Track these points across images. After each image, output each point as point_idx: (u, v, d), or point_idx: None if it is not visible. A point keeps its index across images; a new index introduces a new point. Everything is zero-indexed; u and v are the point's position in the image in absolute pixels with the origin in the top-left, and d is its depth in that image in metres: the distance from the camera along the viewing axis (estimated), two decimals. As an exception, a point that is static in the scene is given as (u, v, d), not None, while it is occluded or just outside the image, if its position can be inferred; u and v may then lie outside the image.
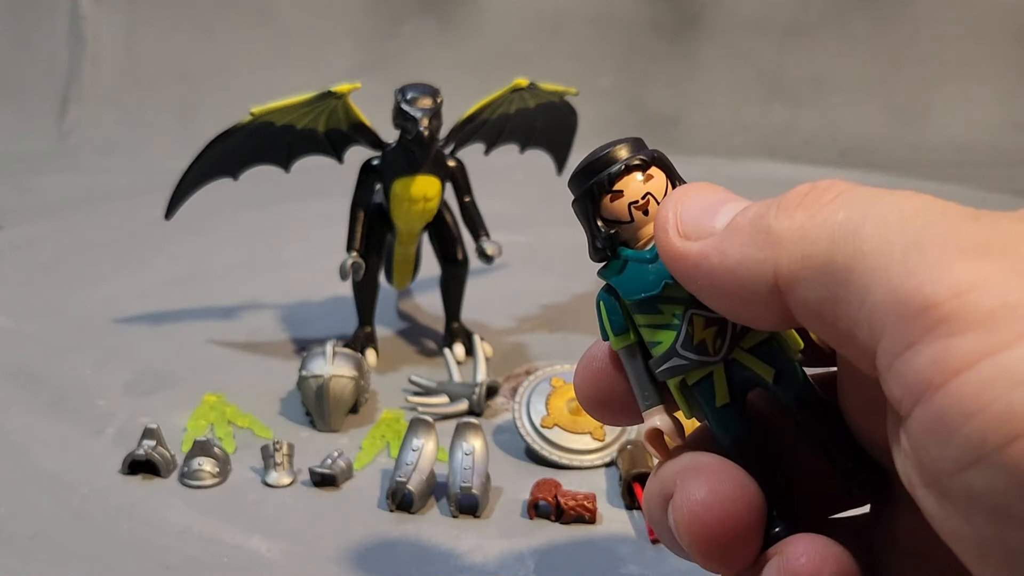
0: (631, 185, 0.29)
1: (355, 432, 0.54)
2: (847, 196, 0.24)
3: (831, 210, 0.24)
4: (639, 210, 0.29)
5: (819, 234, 0.24)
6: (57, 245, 0.86)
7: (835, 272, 0.23)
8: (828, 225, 0.23)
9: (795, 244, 0.24)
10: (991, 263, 0.21)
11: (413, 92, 0.56)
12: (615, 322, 0.29)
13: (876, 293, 0.22)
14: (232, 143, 0.59)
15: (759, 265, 0.25)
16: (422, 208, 0.59)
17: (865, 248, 0.22)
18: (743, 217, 0.26)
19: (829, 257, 0.23)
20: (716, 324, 0.28)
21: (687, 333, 0.28)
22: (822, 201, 0.24)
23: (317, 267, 0.72)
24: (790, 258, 0.24)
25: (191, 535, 0.44)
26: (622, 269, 0.29)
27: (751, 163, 1.12)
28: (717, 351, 0.28)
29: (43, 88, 1.27)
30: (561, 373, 0.54)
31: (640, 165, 0.29)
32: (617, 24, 1.30)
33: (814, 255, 0.24)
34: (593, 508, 0.45)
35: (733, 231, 0.26)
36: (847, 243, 0.23)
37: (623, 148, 0.29)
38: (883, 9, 1.27)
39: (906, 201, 0.23)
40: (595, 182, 0.29)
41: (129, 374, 0.60)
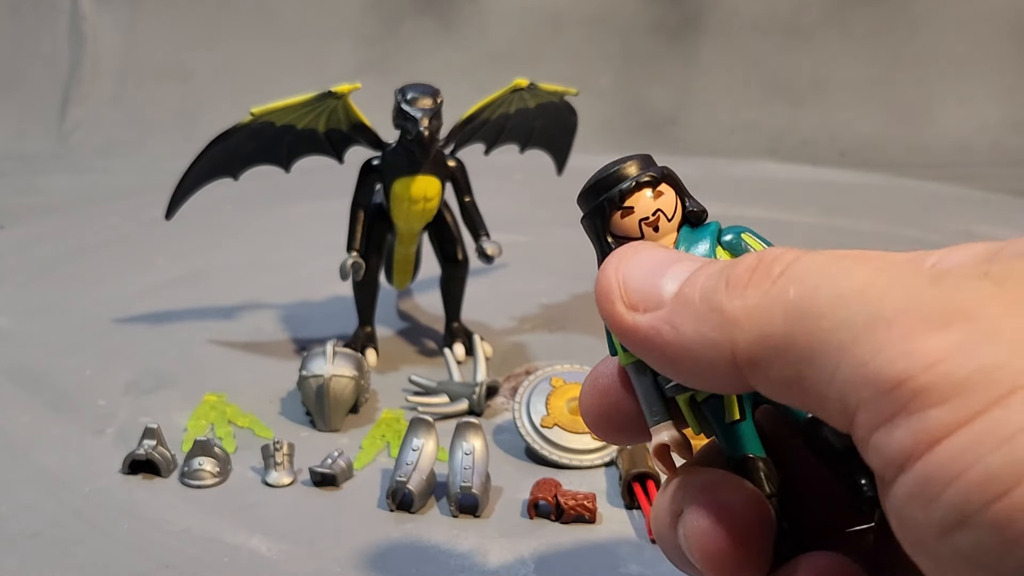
0: (641, 201, 0.29)
1: (355, 432, 0.54)
2: (795, 269, 0.24)
3: (781, 287, 0.23)
4: (649, 226, 0.29)
5: (773, 314, 0.23)
6: (57, 245, 0.86)
7: (796, 351, 0.23)
8: (781, 303, 0.23)
9: (750, 325, 0.24)
10: (957, 331, 0.21)
11: (413, 92, 0.56)
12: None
13: (844, 371, 0.22)
14: (232, 143, 0.59)
15: (715, 345, 0.25)
16: (422, 208, 0.59)
17: (824, 325, 0.22)
18: (691, 289, 0.25)
19: (788, 337, 0.23)
20: None
21: None
22: (771, 277, 0.24)
23: (317, 267, 0.72)
24: (747, 339, 0.24)
25: (191, 535, 0.44)
26: None
27: (751, 163, 1.12)
28: None
29: (44, 88, 1.27)
30: (561, 373, 0.54)
31: (651, 182, 0.29)
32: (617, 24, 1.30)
33: (771, 335, 0.23)
34: (593, 508, 0.45)
35: (683, 305, 0.25)
36: (804, 322, 0.23)
37: (633, 165, 0.29)
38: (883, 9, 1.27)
39: (857, 268, 0.23)
40: (606, 198, 0.29)
41: (130, 374, 0.60)
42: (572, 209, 0.30)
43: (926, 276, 0.22)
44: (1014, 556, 0.20)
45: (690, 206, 0.30)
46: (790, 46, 1.28)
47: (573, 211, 0.30)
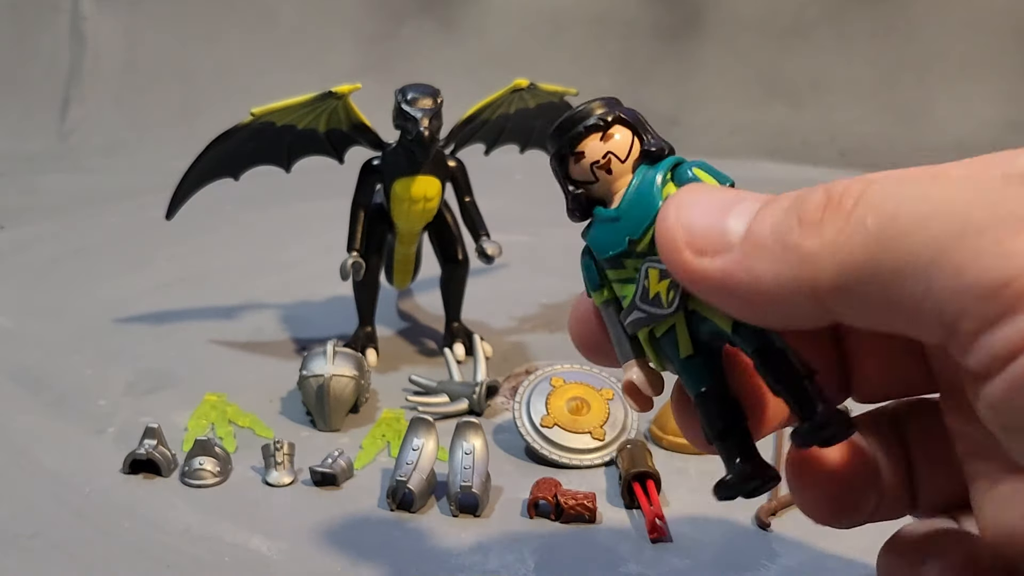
0: (591, 146, 0.29)
1: (355, 431, 0.54)
2: (868, 198, 0.24)
3: (857, 218, 0.24)
4: (602, 169, 0.30)
5: (853, 245, 0.23)
6: (58, 245, 0.86)
7: (883, 276, 0.23)
8: (861, 234, 0.23)
9: (831, 260, 0.24)
10: None
11: (413, 92, 0.57)
12: (591, 279, 0.31)
13: (940, 284, 0.22)
14: (233, 143, 0.59)
15: (795, 283, 0.25)
16: (422, 208, 0.59)
17: (911, 245, 0.23)
18: (761, 228, 0.25)
19: (873, 263, 0.23)
20: (669, 277, 0.28)
21: (643, 287, 0.29)
22: (844, 210, 0.24)
23: (318, 267, 0.72)
24: (829, 275, 0.24)
25: (192, 534, 0.44)
26: (593, 229, 0.30)
27: (751, 163, 1.12)
28: (670, 303, 0.28)
29: (44, 88, 1.27)
30: (561, 373, 0.54)
31: (597, 126, 0.29)
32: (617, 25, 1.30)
33: (855, 266, 0.23)
34: (593, 507, 0.45)
35: (756, 247, 0.25)
36: (889, 246, 0.23)
37: (580, 110, 0.30)
38: (883, 9, 1.27)
39: (932, 187, 0.23)
40: (560, 145, 0.30)
41: (130, 374, 0.60)
42: None
43: (1003, 181, 0.23)
44: None
45: (647, 145, 0.30)
46: (790, 47, 1.28)
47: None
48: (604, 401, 0.52)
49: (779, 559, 0.43)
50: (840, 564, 0.42)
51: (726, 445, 0.29)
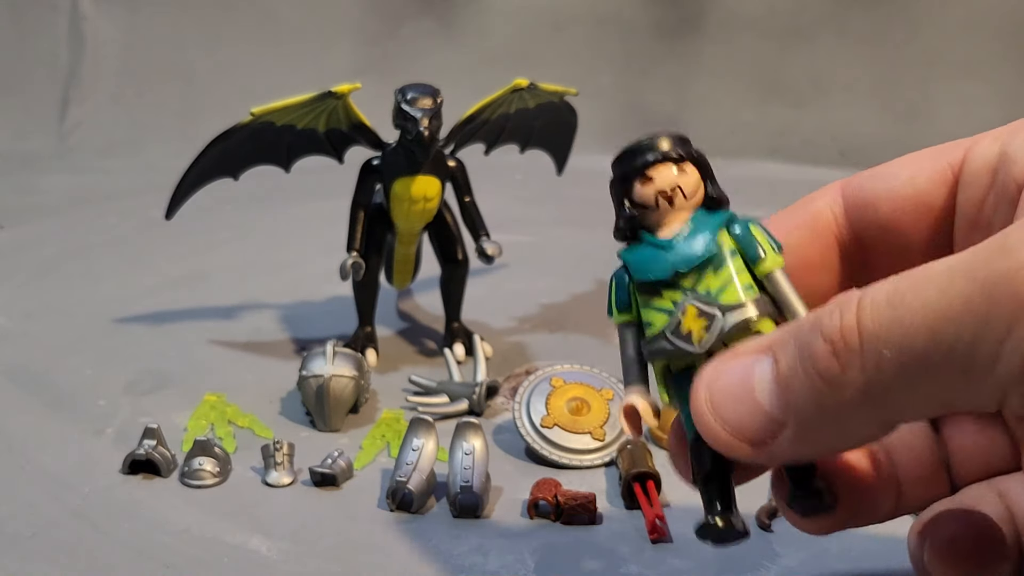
0: (663, 174, 0.31)
1: (355, 432, 0.54)
2: (870, 332, 0.25)
3: (871, 351, 0.25)
4: (665, 199, 0.31)
5: (885, 375, 0.25)
6: (57, 245, 0.86)
7: (929, 384, 0.24)
8: (887, 362, 0.24)
9: (875, 397, 0.25)
10: None
11: (413, 92, 0.57)
12: (620, 299, 0.32)
13: (984, 368, 0.24)
14: (232, 143, 0.59)
15: (852, 428, 0.26)
16: (422, 208, 0.59)
17: (938, 357, 0.24)
18: (796, 401, 0.26)
19: (918, 378, 0.24)
20: (707, 318, 0.30)
21: (678, 320, 0.30)
22: (855, 348, 0.25)
23: (317, 267, 0.72)
24: (878, 410, 0.26)
25: (192, 535, 0.44)
26: (643, 248, 0.31)
27: (751, 163, 1.12)
28: (702, 345, 0.30)
29: (43, 88, 1.27)
30: (561, 373, 0.54)
31: (676, 158, 0.31)
32: (617, 24, 1.30)
33: (897, 388, 0.25)
34: (593, 508, 0.45)
35: (802, 425, 0.26)
36: (923, 364, 0.24)
37: (666, 140, 0.31)
38: (883, 9, 1.27)
39: (925, 293, 0.24)
40: (632, 166, 0.31)
41: (130, 374, 0.60)
42: (572, 209, 0.31)
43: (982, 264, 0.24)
44: None
45: (711, 192, 0.31)
46: (790, 46, 1.27)
47: (573, 211, 0.31)
48: (604, 401, 0.52)
49: (779, 559, 0.42)
50: (840, 564, 0.42)
51: (708, 489, 0.30)
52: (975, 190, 0.32)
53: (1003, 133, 0.32)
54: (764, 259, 0.30)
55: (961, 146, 0.33)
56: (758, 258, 0.30)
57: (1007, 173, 0.31)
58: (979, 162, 0.32)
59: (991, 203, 0.31)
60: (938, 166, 0.32)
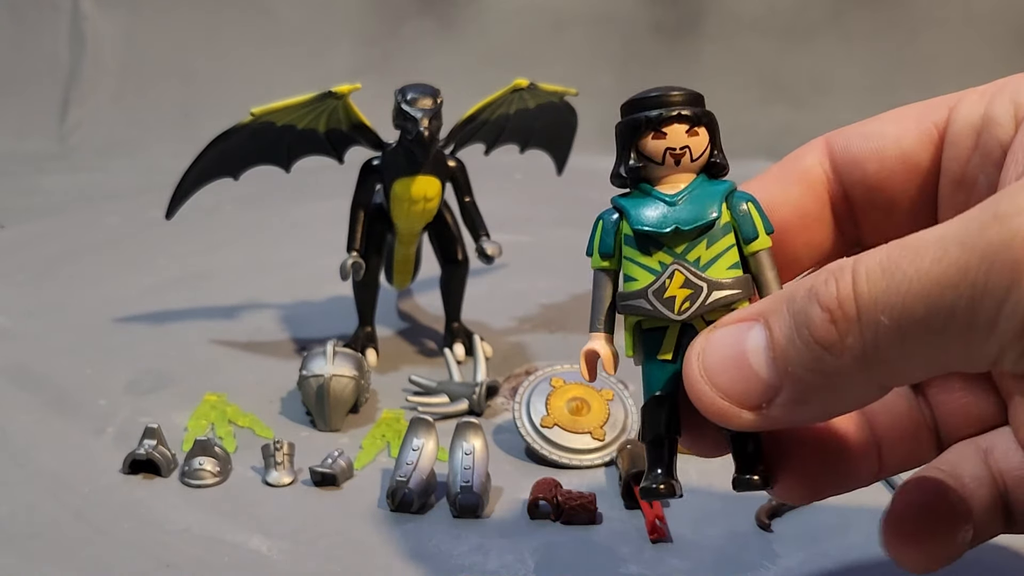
0: (676, 132, 0.31)
1: (355, 432, 0.54)
2: (867, 300, 0.25)
3: (868, 320, 0.25)
4: (673, 158, 0.31)
5: (881, 341, 0.25)
6: (58, 245, 0.86)
7: (929, 347, 0.25)
8: (884, 329, 0.25)
9: (872, 361, 0.26)
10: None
11: (413, 92, 0.57)
12: (604, 243, 0.32)
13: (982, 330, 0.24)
14: (233, 143, 0.59)
15: (852, 392, 0.27)
16: (422, 208, 0.59)
17: (946, 321, 0.24)
18: (790, 366, 0.27)
19: (920, 339, 0.25)
20: (692, 288, 0.30)
21: (663, 283, 0.30)
22: (852, 318, 0.26)
23: (317, 267, 0.72)
24: (878, 372, 0.26)
25: (192, 534, 0.44)
26: (644, 199, 0.31)
27: (751, 163, 1.11)
28: (681, 312, 0.30)
29: (44, 88, 1.27)
30: (561, 373, 0.54)
31: (691, 118, 0.31)
32: (617, 25, 1.30)
33: (894, 354, 0.25)
34: (593, 508, 0.45)
35: (796, 385, 0.27)
36: (923, 325, 0.25)
37: (684, 97, 0.31)
38: (883, 10, 1.27)
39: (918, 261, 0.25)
40: (645, 116, 0.31)
41: (130, 374, 0.60)
42: (572, 209, 0.31)
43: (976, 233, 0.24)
44: None
45: (716, 157, 0.31)
46: (790, 47, 1.28)
47: (573, 211, 0.31)
48: (604, 401, 0.52)
49: (779, 559, 0.43)
50: (840, 564, 0.42)
51: (656, 450, 0.31)
52: (959, 150, 0.32)
53: (988, 91, 0.33)
54: (757, 239, 0.31)
55: (946, 104, 0.33)
56: (751, 237, 0.31)
57: (990, 135, 0.31)
58: (963, 123, 0.32)
59: (976, 163, 0.32)
60: (923, 126, 0.33)
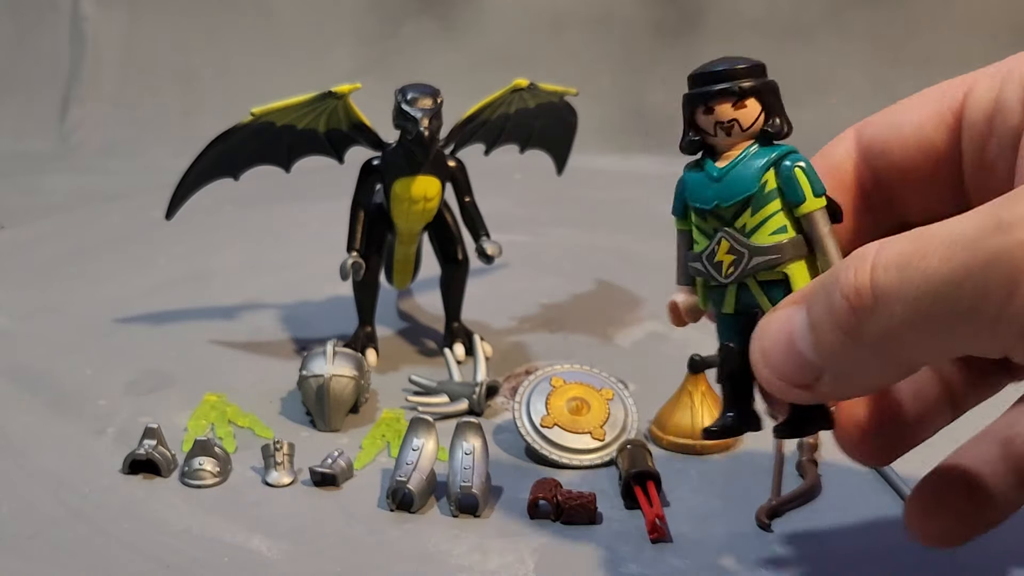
0: (722, 108, 0.33)
1: (355, 432, 0.54)
2: (883, 289, 0.28)
3: (884, 310, 0.28)
4: (723, 130, 0.33)
5: (896, 329, 0.28)
6: (58, 245, 0.86)
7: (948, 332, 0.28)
8: (898, 320, 0.28)
9: (890, 349, 0.29)
10: None
11: (413, 92, 0.57)
12: (677, 206, 0.35)
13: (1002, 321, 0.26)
14: (233, 143, 0.59)
15: (876, 377, 0.31)
16: (422, 208, 0.59)
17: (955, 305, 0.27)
18: (831, 353, 0.30)
19: (936, 322, 0.27)
20: (736, 254, 0.33)
21: (712, 249, 0.34)
22: (868, 308, 0.28)
23: (317, 267, 0.72)
24: (896, 356, 0.29)
25: (192, 534, 0.44)
26: (698, 173, 0.34)
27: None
28: (727, 276, 0.33)
29: (44, 88, 1.27)
30: (561, 373, 0.54)
31: (734, 92, 0.33)
32: (617, 25, 1.30)
33: (911, 342, 0.28)
34: (593, 508, 0.45)
35: (838, 371, 0.30)
36: (934, 313, 0.27)
37: (733, 72, 0.33)
38: (883, 9, 1.27)
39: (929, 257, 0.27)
40: (697, 94, 0.33)
41: (130, 374, 0.60)
42: (572, 209, 0.32)
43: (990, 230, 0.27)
44: None
45: (769, 126, 0.33)
46: (790, 46, 1.27)
47: (573, 211, 0.31)
48: (604, 401, 0.52)
49: (779, 559, 0.42)
50: (840, 564, 0.42)
51: (730, 389, 0.35)
52: (976, 135, 0.34)
53: (999, 73, 0.34)
54: (804, 202, 0.33)
55: (961, 87, 0.35)
56: (798, 201, 0.33)
57: (1002, 121, 0.33)
58: (976, 108, 0.34)
59: (993, 148, 0.33)
60: (940, 110, 0.35)
